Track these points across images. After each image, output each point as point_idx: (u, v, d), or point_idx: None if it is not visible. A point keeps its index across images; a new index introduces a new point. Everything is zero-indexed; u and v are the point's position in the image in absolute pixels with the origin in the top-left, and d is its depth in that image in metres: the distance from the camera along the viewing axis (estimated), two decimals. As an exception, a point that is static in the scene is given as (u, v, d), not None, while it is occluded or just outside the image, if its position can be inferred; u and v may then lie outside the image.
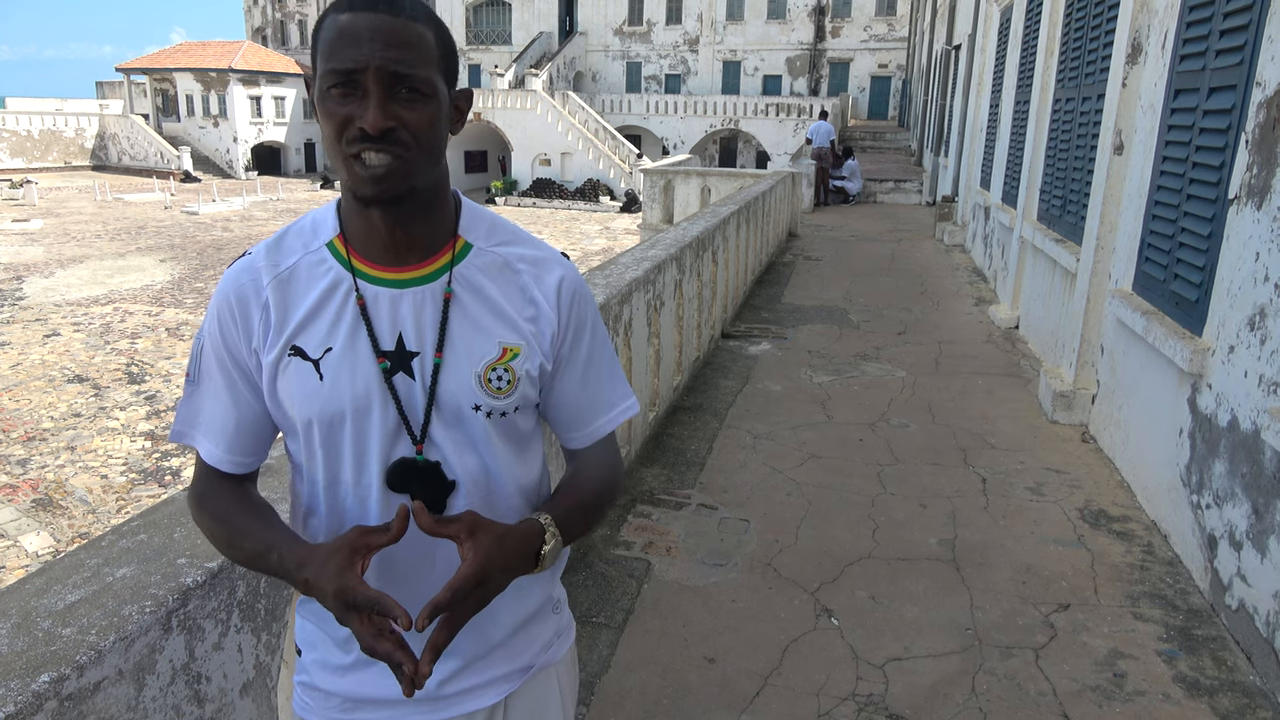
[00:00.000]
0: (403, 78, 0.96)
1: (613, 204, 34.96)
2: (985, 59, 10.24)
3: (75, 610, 1.25)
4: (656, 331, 4.47)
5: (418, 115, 0.97)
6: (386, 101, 0.95)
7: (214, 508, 1.09)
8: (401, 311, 1.04)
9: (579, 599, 3.00)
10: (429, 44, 0.99)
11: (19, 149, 44.32)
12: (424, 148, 0.99)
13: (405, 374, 1.04)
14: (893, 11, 38.50)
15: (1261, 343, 2.79)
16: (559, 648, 1.23)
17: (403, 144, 0.97)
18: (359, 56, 0.94)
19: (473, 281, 1.07)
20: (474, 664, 1.12)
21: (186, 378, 1.11)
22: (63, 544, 8.25)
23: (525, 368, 1.07)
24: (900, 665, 2.67)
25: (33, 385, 12.73)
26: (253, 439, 1.10)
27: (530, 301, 1.09)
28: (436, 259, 1.07)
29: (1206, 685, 2.58)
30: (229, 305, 1.05)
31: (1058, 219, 5.79)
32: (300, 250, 1.07)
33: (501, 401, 1.06)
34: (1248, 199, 2.95)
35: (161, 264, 22.45)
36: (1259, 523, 2.69)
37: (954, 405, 5.11)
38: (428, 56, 0.98)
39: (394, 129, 0.96)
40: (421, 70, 0.97)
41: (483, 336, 1.06)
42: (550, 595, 1.21)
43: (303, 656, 1.16)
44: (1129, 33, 4.36)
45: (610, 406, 1.18)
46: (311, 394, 1.03)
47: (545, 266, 1.11)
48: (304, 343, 1.03)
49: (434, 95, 0.99)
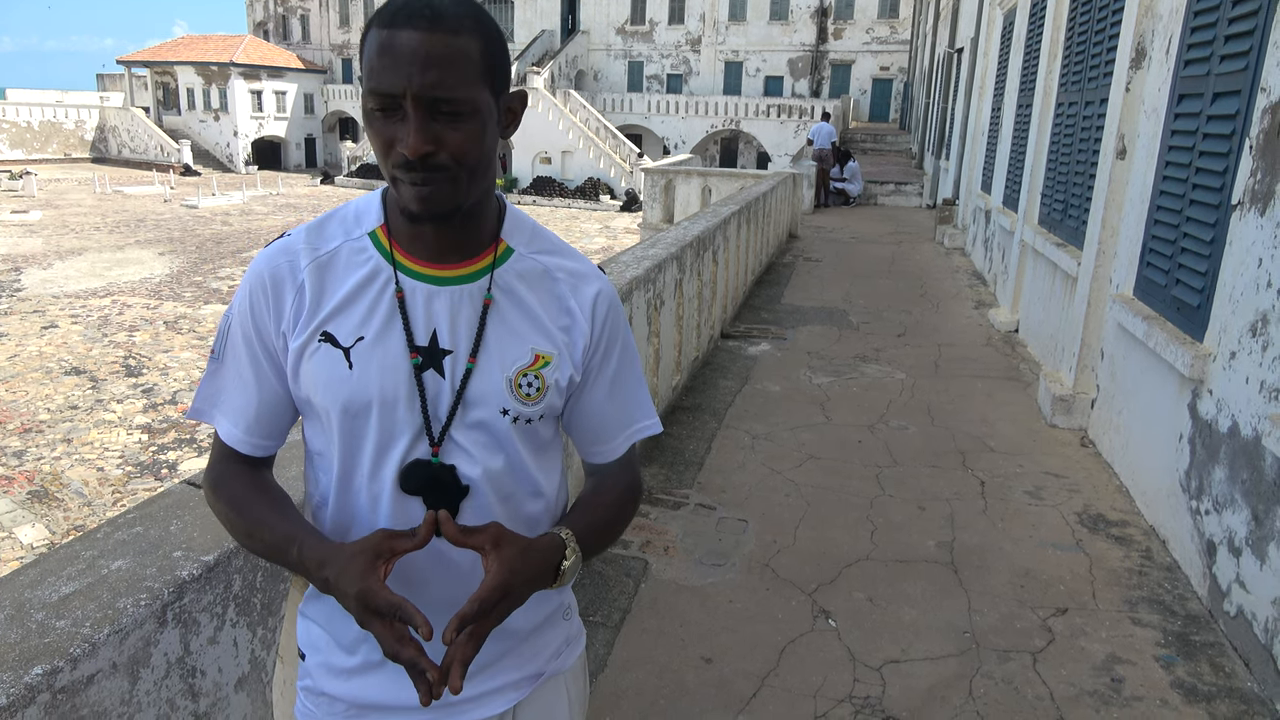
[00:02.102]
0: (443, 100, 0.92)
1: (613, 203, 34.96)
2: (988, 62, 10.24)
3: (69, 602, 1.24)
4: (656, 331, 4.46)
5: (460, 136, 0.94)
6: (427, 123, 0.92)
7: (230, 494, 1.07)
8: (438, 308, 1.03)
9: (576, 597, 2.98)
10: (473, 59, 0.94)
11: (19, 140, 44.27)
12: (468, 166, 0.96)
13: (436, 371, 1.02)
14: (895, 14, 38.51)
15: (1263, 349, 2.78)
16: (569, 655, 1.22)
17: (443, 167, 0.94)
18: (396, 81, 0.91)
19: (511, 286, 1.06)
20: (485, 670, 1.10)
21: (211, 354, 1.10)
22: (58, 536, 8.23)
23: (555, 377, 1.07)
24: (897, 668, 2.67)
25: (30, 377, 12.71)
26: (272, 421, 1.09)
27: (566, 311, 1.09)
28: (478, 260, 1.06)
29: (1204, 691, 2.58)
30: (263, 285, 1.03)
31: (1059, 223, 5.78)
32: (342, 236, 1.06)
33: (529, 408, 1.05)
34: (1251, 205, 2.95)
35: (160, 257, 22.43)
36: (1258, 529, 2.69)
37: (953, 408, 5.10)
38: (471, 72, 0.93)
39: (433, 153, 0.93)
40: (462, 91, 0.93)
41: (517, 341, 1.05)
42: (562, 602, 1.21)
43: (306, 660, 1.13)
44: (1133, 37, 4.35)
45: (633, 423, 1.17)
46: (339, 382, 1.01)
47: (584, 279, 1.11)
48: (335, 329, 1.02)
49: (477, 113, 0.95)
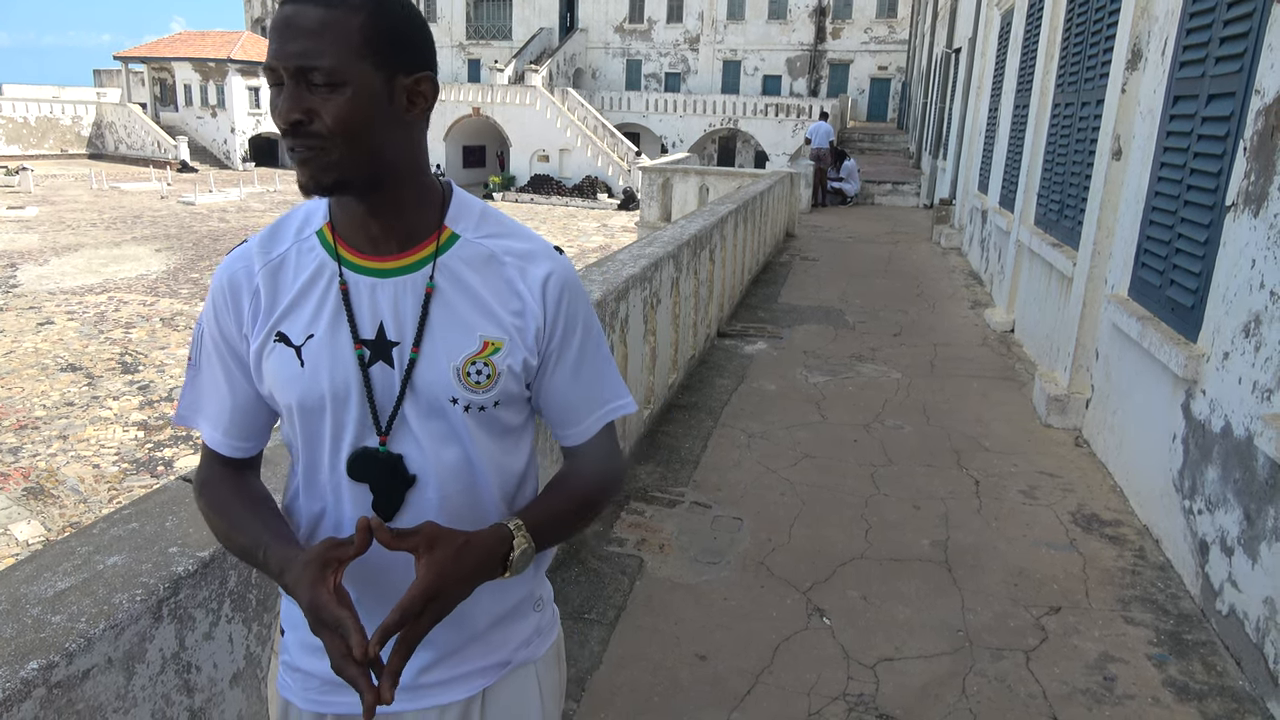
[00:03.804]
0: (310, 70, 0.93)
1: (611, 201, 34.93)
2: (985, 63, 10.25)
3: (65, 598, 1.24)
4: (653, 329, 4.47)
5: (331, 106, 0.94)
6: (300, 93, 0.94)
7: (213, 496, 1.11)
8: (382, 301, 1.04)
9: (571, 595, 2.99)
10: (349, 30, 0.94)
11: (15, 136, 44.11)
12: (344, 139, 0.95)
13: (385, 363, 1.03)
14: (893, 14, 38.51)
15: (1256, 349, 2.79)
16: (539, 645, 1.22)
17: (315, 135, 0.95)
18: (273, 53, 0.95)
19: (456, 273, 1.06)
20: (449, 656, 1.12)
21: (189, 362, 1.13)
22: (54, 533, 8.22)
23: (507, 362, 1.06)
24: (891, 666, 2.68)
25: (25, 373, 12.68)
26: (249, 423, 1.12)
27: (516, 295, 1.07)
28: (419, 249, 1.06)
29: (1196, 690, 2.59)
30: (222, 292, 1.07)
31: (1055, 223, 5.80)
32: (292, 238, 1.08)
33: (480, 396, 1.05)
34: (1245, 206, 2.96)
35: (157, 254, 22.38)
36: (1250, 528, 2.70)
37: (948, 407, 5.12)
38: (344, 43, 0.93)
39: (302, 121, 0.94)
40: (331, 60, 0.93)
41: (463, 329, 1.05)
42: (531, 593, 1.20)
43: (285, 636, 1.17)
44: (1129, 39, 4.37)
45: (603, 403, 1.16)
46: (293, 379, 1.04)
47: (532, 259, 1.09)
48: (288, 328, 1.04)
49: (348, 84, 0.94)
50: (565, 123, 36.64)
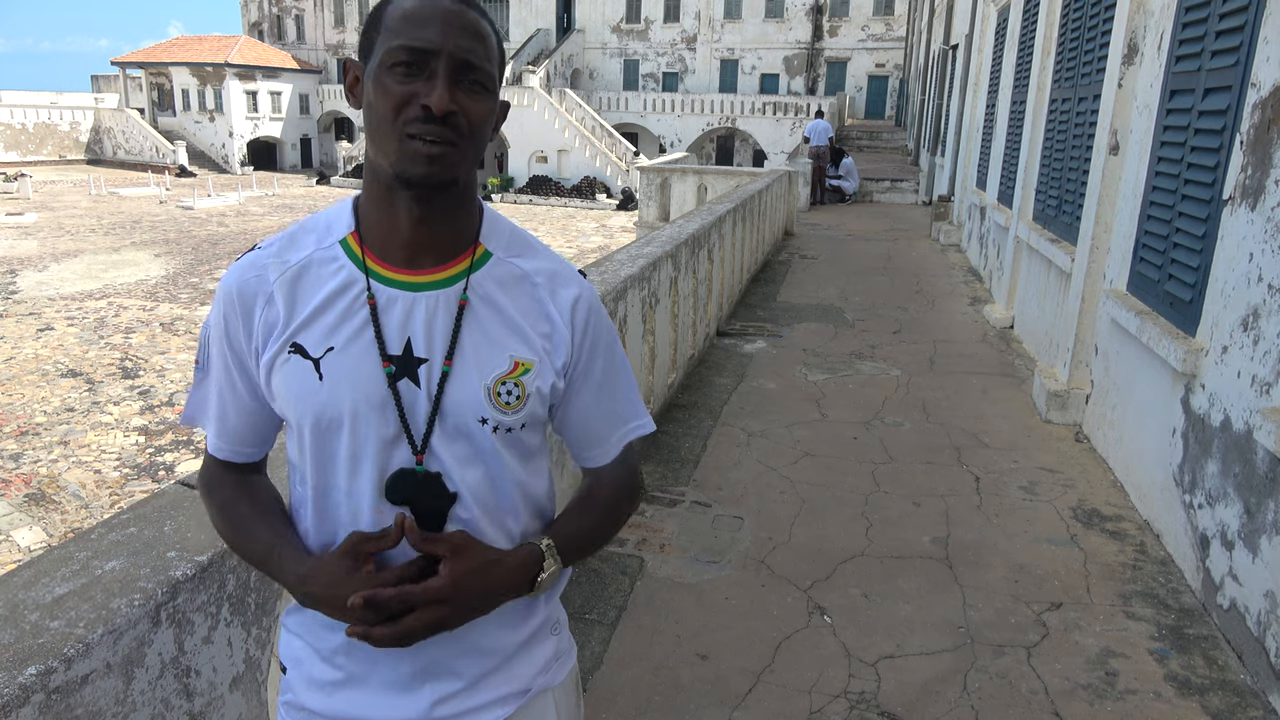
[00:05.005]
0: (472, 68, 0.97)
1: (609, 201, 34.95)
2: (982, 59, 10.25)
3: (63, 603, 1.24)
4: (651, 329, 4.47)
5: (479, 108, 0.98)
6: (453, 85, 0.96)
7: (219, 499, 1.10)
8: (412, 315, 1.01)
9: (571, 596, 2.99)
10: (494, 46, 1.01)
11: (13, 142, 44.15)
12: (476, 141, 1.00)
13: (410, 381, 1.00)
14: (890, 11, 38.50)
15: (1254, 343, 2.79)
16: (559, 670, 1.19)
17: (460, 131, 0.97)
18: (434, 38, 0.95)
19: (488, 291, 1.04)
20: (471, 687, 1.09)
21: (196, 365, 1.11)
22: (55, 539, 8.22)
23: (536, 384, 1.04)
24: (892, 663, 2.68)
25: (26, 379, 12.69)
26: (251, 431, 1.10)
27: (545, 317, 1.07)
28: (454, 264, 1.04)
29: (1198, 684, 2.59)
30: (231, 300, 1.04)
31: (1053, 219, 5.80)
32: (312, 246, 1.05)
33: (509, 417, 1.03)
34: (1242, 200, 2.96)
35: (156, 259, 22.39)
36: (1251, 522, 2.70)
37: (948, 404, 5.11)
38: (492, 56, 1.00)
39: (455, 114, 0.96)
40: (488, 65, 0.99)
41: (495, 348, 1.03)
42: (549, 616, 1.18)
43: (288, 674, 1.11)
44: (1125, 34, 4.36)
45: (624, 423, 1.16)
46: (309, 393, 1.00)
47: (562, 282, 1.09)
48: (305, 340, 1.00)
49: (494, 92, 1.01)
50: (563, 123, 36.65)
